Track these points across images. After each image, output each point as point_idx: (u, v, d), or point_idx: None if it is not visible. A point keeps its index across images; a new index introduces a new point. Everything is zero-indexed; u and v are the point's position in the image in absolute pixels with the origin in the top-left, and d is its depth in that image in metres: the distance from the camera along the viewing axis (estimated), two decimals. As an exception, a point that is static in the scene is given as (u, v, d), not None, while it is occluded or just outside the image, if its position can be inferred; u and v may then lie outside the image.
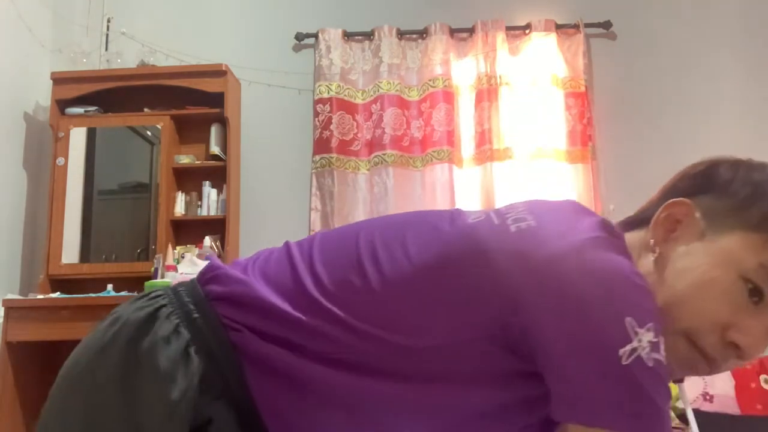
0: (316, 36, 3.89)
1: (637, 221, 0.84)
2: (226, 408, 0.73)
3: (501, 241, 0.73)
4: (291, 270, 0.79)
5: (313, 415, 0.74)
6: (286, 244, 0.84)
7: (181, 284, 0.81)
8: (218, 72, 3.67)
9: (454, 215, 0.80)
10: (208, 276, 0.81)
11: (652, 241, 0.79)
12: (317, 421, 0.74)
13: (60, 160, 3.62)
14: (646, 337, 0.65)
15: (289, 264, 0.80)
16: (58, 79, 3.68)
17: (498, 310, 0.70)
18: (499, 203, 3.61)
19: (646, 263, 0.78)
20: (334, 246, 0.80)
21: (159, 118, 3.71)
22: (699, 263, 0.75)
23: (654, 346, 0.66)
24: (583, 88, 3.75)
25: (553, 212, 0.77)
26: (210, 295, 0.78)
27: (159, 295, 0.79)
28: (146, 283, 3.27)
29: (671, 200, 0.79)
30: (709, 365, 0.75)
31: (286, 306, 0.75)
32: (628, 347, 0.64)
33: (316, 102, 3.80)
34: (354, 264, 0.76)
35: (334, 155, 3.72)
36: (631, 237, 0.82)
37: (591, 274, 0.68)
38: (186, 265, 3.38)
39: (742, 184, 0.76)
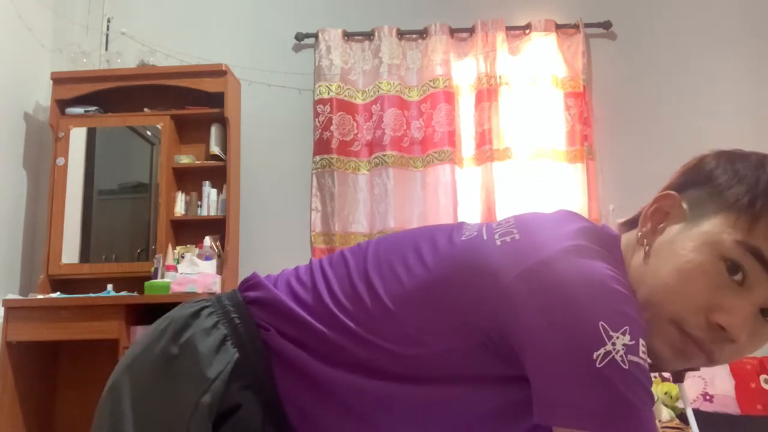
0: (316, 36, 3.89)
1: (635, 220, 0.86)
2: (255, 397, 0.81)
3: (485, 255, 0.77)
4: (312, 283, 0.87)
5: (328, 411, 0.81)
6: (310, 262, 0.93)
7: (224, 292, 0.93)
8: (218, 72, 3.67)
9: (453, 231, 0.85)
10: (247, 284, 0.91)
11: (639, 234, 0.82)
12: (331, 417, 0.81)
13: (60, 160, 3.62)
14: (620, 340, 0.67)
15: (310, 278, 0.88)
16: (58, 79, 3.68)
17: (485, 321, 0.74)
18: (499, 203, 3.62)
19: (637, 257, 0.81)
20: (347, 263, 0.88)
21: (159, 118, 3.71)
22: (679, 248, 0.77)
23: (630, 349, 0.67)
24: (581, 89, 3.75)
25: (538, 224, 0.80)
26: (246, 299, 0.88)
27: (203, 299, 0.90)
28: (146, 283, 3.28)
29: (659, 194, 0.82)
30: (702, 352, 0.76)
31: (305, 315, 0.83)
32: (602, 350, 0.67)
33: (317, 102, 3.80)
34: (363, 280, 0.83)
35: (335, 156, 3.73)
36: (628, 236, 0.85)
37: (565, 282, 0.70)
38: (186, 265, 3.38)
39: (722, 171, 0.78)
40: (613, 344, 0.67)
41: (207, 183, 3.71)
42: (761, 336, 0.76)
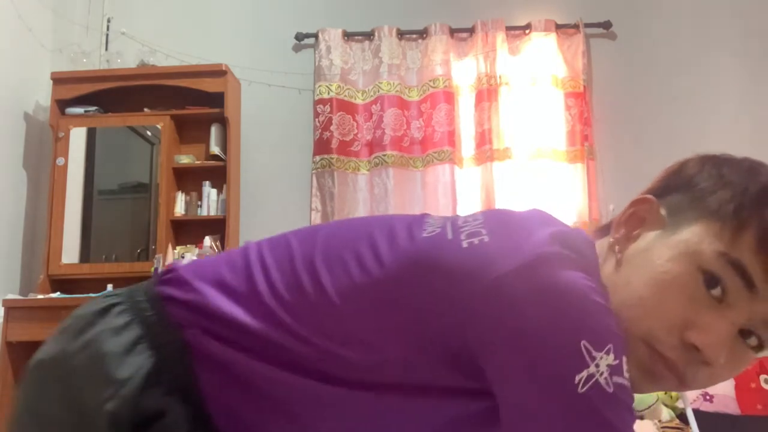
0: (316, 36, 3.89)
1: (609, 226, 0.79)
2: (180, 403, 0.71)
3: (450, 257, 0.68)
4: (246, 270, 0.76)
5: (260, 414, 0.73)
6: (246, 245, 0.82)
7: (137, 285, 0.81)
8: (218, 72, 3.67)
9: (413, 226, 0.75)
10: (164, 277, 0.80)
11: (611, 240, 0.75)
12: (264, 421, 0.73)
13: (60, 160, 3.62)
14: (604, 360, 0.61)
15: (244, 263, 0.77)
16: (58, 79, 3.68)
17: (445, 330, 0.66)
18: (499, 203, 3.61)
19: (608, 265, 0.74)
20: (291, 248, 0.77)
21: (159, 118, 3.71)
22: (655, 257, 0.70)
23: (614, 369, 0.61)
24: (581, 89, 3.75)
25: (509, 225, 0.72)
26: (163, 295, 0.77)
27: (113, 295, 0.79)
28: (146, 283, 3.27)
29: (635, 198, 0.76)
30: (672, 373, 0.69)
31: (236, 310, 0.73)
32: (585, 373, 0.60)
33: (317, 102, 3.80)
34: (307, 270, 0.74)
35: (335, 156, 3.73)
36: (602, 242, 0.77)
37: (541, 296, 0.62)
38: (186, 265, 3.38)
39: (707, 175, 0.72)
40: (597, 365, 0.60)
41: (207, 183, 3.71)
42: (740, 360, 0.69)
